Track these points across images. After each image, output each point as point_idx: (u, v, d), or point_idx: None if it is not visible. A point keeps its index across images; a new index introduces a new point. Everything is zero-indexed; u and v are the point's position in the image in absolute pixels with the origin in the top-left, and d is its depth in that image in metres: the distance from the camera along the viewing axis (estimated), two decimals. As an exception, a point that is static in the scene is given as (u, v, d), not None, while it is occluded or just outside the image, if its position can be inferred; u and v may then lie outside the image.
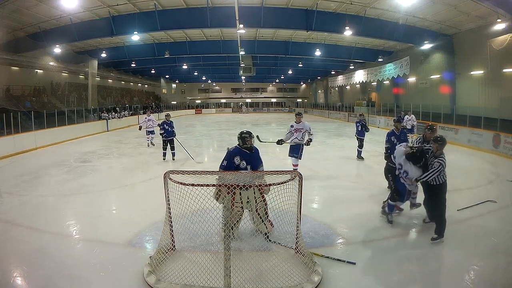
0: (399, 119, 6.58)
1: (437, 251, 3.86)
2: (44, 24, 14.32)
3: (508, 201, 5.52)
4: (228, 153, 4.16)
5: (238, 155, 4.12)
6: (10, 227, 4.62)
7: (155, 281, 3.15)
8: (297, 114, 7.15)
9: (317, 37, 19.32)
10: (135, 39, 17.65)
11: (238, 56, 22.79)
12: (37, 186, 6.86)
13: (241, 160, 4.10)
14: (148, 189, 6.52)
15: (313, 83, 42.42)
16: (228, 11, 12.93)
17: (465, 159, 9.37)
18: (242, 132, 4.22)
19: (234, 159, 4.09)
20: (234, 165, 4.07)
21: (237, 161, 4.08)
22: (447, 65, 16.74)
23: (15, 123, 11.71)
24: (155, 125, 11.61)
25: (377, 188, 6.28)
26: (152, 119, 12.06)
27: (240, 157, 4.11)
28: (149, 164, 9.26)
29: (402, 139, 5.95)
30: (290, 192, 3.46)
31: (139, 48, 21.08)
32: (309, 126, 6.90)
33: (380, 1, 12.70)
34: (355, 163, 9.19)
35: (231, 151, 4.18)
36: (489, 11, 12.00)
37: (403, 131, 6.24)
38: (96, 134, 17.36)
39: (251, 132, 4.25)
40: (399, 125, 6.25)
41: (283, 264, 3.36)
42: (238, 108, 44.03)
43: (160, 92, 41.70)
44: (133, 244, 4.08)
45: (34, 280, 3.32)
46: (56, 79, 21.49)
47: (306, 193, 4.41)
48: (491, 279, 3.34)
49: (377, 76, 23.45)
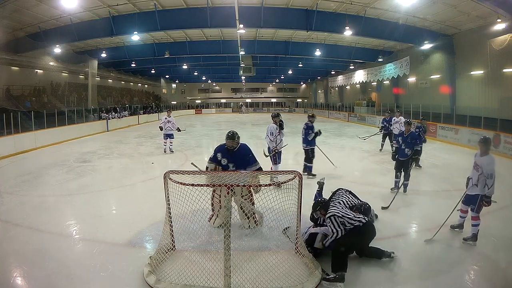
0: (409, 122, 6.26)
1: (437, 251, 3.86)
2: (44, 24, 14.31)
3: (508, 201, 5.51)
4: (215, 148, 4.49)
5: (220, 152, 4.41)
6: (10, 227, 4.62)
7: (155, 281, 3.15)
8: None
9: (317, 37, 19.33)
10: (135, 39, 17.65)
11: (238, 56, 22.78)
12: (37, 186, 6.86)
13: (222, 157, 4.37)
14: (148, 189, 6.52)
15: (313, 83, 42.41)
16: (228, 11, 12.92)
17: (465, 159, 9.34)
18: (227, 132, 4.42)
19: (217, 154, 4.40)
20: (217, 159, 4.39)
21: (219, 157, 4.38)
22: (447, 65, 16.74)
23: (15, 123, 11.71)
24: (175, 128, 10.52)
25: (378, 188, 6.29)
26: (172, 121, 10.57)
27: (221, 154, 4.39)
28: (149, 164, 9.25)
29: (409, 141, 5.88)
30: (290, 192, 3.46)
31: (139, 48, 21.07)
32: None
33: (380, 1, 12.69)
34: (356, 163, 9.20)
35: (218, 146, 4.49)
36: (489, 11, 11.99)
37: (412, 133, 5.99)
38: (96, 134, 17.37)
39: (234, 133, 4.37)
40: (408, 127, 6.11)
41: (283, 264, 3.35)
42: (238, 108, 44.04)
43: (160, 92, 41.68)
44: (133, 244, 4.08)
45: (34, 280, 3.32)
46: (56, 79, 21.48)
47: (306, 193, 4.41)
48: (491, 279, 3.34)
49: (377, 76, 23.45)
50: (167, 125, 10.47)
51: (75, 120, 16.37)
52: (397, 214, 5.07)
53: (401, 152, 5.99)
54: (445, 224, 4.16)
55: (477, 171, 3.99)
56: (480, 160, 4.01)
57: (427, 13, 13.49)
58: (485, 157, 3.99)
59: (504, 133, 10.44)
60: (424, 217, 5.02)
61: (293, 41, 20.45)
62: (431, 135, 14.50)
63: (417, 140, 5.96)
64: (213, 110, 43.95)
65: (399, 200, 5.75)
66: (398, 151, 6.08)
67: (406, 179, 6.01)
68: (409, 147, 5.89)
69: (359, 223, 3.50)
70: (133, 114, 25.27)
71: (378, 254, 3.59)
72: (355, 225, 3.49)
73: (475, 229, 3.95)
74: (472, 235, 3.97)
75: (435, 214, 4.96)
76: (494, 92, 14.04)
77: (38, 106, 17.20)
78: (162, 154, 10.79)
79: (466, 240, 3.98)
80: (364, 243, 3.59)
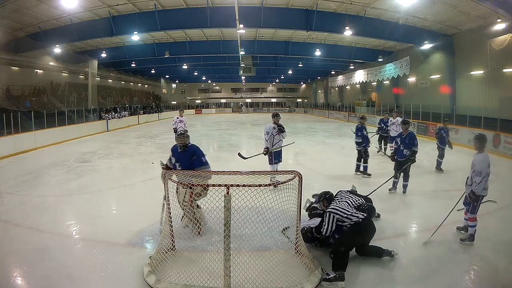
0: (406, 121, 6.21)
1: (437, 251, 3.86)
2: (44, 24, 14.31)
3: (508, 201, 5.52)
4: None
5: (172, 150, 4.46)
6: (10, 227, 4.63)
7: (155, 281, 3.15)
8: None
9: (317, 37, 19.33)
10: (135, 39, 17.65)
11: (238, 56, 22.79)
12: (37, 186, 6.86)
13: (172, 155, 4.42)
14: (148, 189, 6.51)
15: (313, 83, 42.42)
16: (228, 11, 12.92)
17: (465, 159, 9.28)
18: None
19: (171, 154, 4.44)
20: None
21: (170, 155, 4.44)
22: (447, 65, 16.74)
23: (15, 123, 11.72)
24: (186, 128, 9.88)
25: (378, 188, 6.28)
26: (184, 121, 10.07)
27: (172, 152, 4.45)
28: (149, 164, 9.26)
29: (407, 142, 5.86)
30: (290, 192, 3.46)
31: (139, 48, 21.07)
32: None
33: (380, 1, 12.70)
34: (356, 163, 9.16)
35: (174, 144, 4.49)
36: (489, 11, 11.99)
37: (411, 133, 5.94)
38: (96, 134, 17.38)
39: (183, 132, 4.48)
40: (405, 127, 6.08)
41: (283, 264, 3.36)
42: (238, 108, 44.06)
43: (160, 92, 41.70)
44: (133, 244, 4.08)
45: (34, 280, 3.32)
46: (56, 79, 21.48)
47: (306, 193, 4.41)
48: (490, 279, 3.34)
49: (377, 76, 23.46)
50: (179, 125, 9.96)
51: (75, 120, 16.38)
52: (397, 214, 5.07)
53: (400, 153, 5.97)
54: (444, 224, 4.16)
55: (472, 170, 4.00)
56: (474, 158, 4.01)
57: (427, 13, 13.49)
58: (479, 154, 3.98)
59: (504, 133, 10.43)
60: (424, 217, 5.02)
61: (293, 41, 20.45)
62: (431, 135, 14.50)
63: (415, 141, 5.88)
64: (213, 110, 43.98)
65: (399, 200, 5.77)
66: (397, 152, 6.06)
67: (405, 180, 5.99)
68: (407, 148, 5.86)
69: (357, 219, 3.51)
70: (133, 114, 25.27)
71: (378, 253, 3.59)
72: (353, 221, 3.49)
73: (472, 229, 3.96)
74: (469, 236, 3.98)
75: (435, 214, 4.96)
76: (494, 92, 14.04)
77: (38, 106, 17.21)
78: (162, 154, 10.78)
79: (464, 241, 3.99)
80: (364, 240, 3.58)
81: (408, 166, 5.87)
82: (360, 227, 3.48)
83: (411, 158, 5.84)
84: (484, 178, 3.81)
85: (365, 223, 3.53)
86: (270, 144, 6.37)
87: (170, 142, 14.22)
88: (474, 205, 3.94)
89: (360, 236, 3.52)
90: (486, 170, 3.83)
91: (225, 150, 9.66)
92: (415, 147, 5.85)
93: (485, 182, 3.84)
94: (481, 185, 3.82)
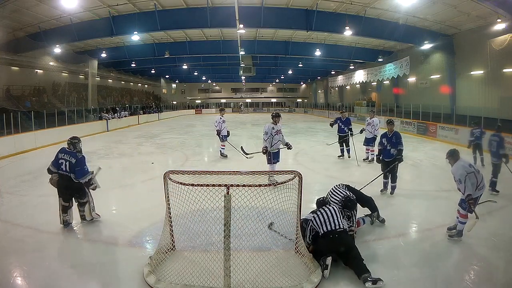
0: (391, 121, 6.22)
1: (437, 251, 3.86)
2: (44, 24, 14.32)
3: (508, 201, 5.52)
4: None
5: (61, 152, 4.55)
6: (10, 227, 4.62)
7: (155, 281, 3.15)
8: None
9: (317, 37, 19.33)
10: (135, 39, 17.65)
11: (238, 56, 22.80)
12: (37, 186, 6.84)
13: (62, 157, 4.50)
14: (148, 189, 6.51)
15: (313, 83, 42.43)
16: (228, 11, 12.92)
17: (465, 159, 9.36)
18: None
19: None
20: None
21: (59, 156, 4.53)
22: (447, 65, 16.74)
23: (15, 123, 11.71)
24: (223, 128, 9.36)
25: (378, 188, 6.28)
26: (225, 121, 9.60)
27: (62, 153, 4.54)
28: (149, 164, 9.25)
29: (394, 141, 5.82)
30: (290, 192, 3.46)
31: (139, 48, 21.08)
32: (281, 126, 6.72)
33: (380, 1, 12.70)
34: (352, 163, 9.16)
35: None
36: (489, 11, 12.00)
37: (396, 133, 5.94)
38: (96, 134, 17.37)
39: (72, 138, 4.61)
40: (391, 127, 6.05)
41: (283, 264, 3.36)
42: (237, 108, 44.07)
43: (160, 92, 41.71)
44: (133, 244, 4.08)
45: (34, 280, 3.32)
46: (56, 79, 21.49)
47: (306, 193, 4.41)
48: (491, 279, 3.34)
49: (377, 76, 23.47)
50: (223, 125, 9.37)
51: (75, 120, 16.38)
52: (397, 214, 5.06)
53: (387, 153, 5.87)
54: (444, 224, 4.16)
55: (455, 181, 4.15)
56: (451, 170, 4.17)
57: (427, 13, 13.49)
58: (454, 165, 4.13)
59: (504, 133, 10.41)
60: (424, 217, 5.03)
61: (293, 41, 20.46)
62: (431, 135, 14.51)
63: (401, 139, 5.84)
64: (213, 110, 43.97)
65: (399, 200, 5.76)
66: (383, 152, 5.94)
67: (393, 182, 5.88)
68: (394, 147, 5.79)
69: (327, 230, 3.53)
70: (133, 114, 25.27)
71: (357, 271, 3.23)
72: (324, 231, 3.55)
73: (461, 226, 4.02)
74: (457, 232, 4.06)
75: (435, 214, 4.97)
76: (494, 92, 14.05)
77: (38, 106, 17.21)
78: (162, 154, 10.79)
79: (452, 237, 4.06)
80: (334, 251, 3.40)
81: (395, 166, 5.77)
82: (326, 239, 3.51)
83: (398, 158, 5.76)
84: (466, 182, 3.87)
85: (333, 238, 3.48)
86: (269, 144, 6.39)
87: (169, 142, 14.26)
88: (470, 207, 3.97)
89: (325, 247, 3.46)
90: (464, 174, 3.92)
91: (225, 150, 9.66)
92: (401, 146, 5.82)
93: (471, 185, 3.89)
94: (470, 189, 3.86)
